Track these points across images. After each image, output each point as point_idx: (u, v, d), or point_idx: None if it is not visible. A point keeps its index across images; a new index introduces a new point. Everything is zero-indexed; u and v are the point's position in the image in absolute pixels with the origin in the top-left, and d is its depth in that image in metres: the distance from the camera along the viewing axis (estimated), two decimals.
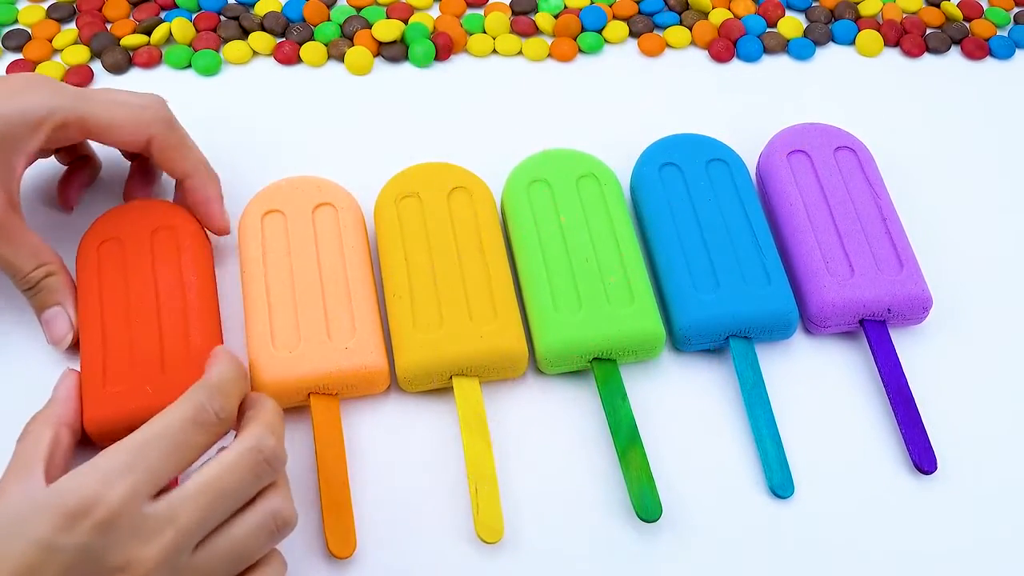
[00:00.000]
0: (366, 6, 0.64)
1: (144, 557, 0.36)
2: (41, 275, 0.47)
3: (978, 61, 0.65)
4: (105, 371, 0.45)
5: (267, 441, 0.39)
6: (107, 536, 0.35)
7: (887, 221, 0.52)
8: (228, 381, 0.40)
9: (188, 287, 0.47)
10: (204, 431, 0.39)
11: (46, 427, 0.41)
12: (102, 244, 0.49)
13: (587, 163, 0.53)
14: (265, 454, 0.39)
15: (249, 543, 0.38)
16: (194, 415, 0.38)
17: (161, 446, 0.37)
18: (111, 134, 0.49)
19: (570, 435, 0.48)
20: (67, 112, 0.47)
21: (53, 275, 0.48)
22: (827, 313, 0.50)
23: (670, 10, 0.65)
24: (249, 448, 0.39)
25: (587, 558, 0.45)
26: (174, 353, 0.45)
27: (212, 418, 0.39)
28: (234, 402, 0.40)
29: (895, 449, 0.48)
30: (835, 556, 0.45)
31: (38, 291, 0.48)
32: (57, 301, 0.48)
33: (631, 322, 0.48)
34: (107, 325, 0.46)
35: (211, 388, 0.39)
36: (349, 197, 0.52)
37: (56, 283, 0.48)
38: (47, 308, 0.48)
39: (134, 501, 0.36)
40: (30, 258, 0.47)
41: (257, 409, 0.41)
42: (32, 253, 0.47)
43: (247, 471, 0.38)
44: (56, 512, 0.35)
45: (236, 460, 0.38)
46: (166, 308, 0.47)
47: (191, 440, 0.38)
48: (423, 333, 0.47)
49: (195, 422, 0.38)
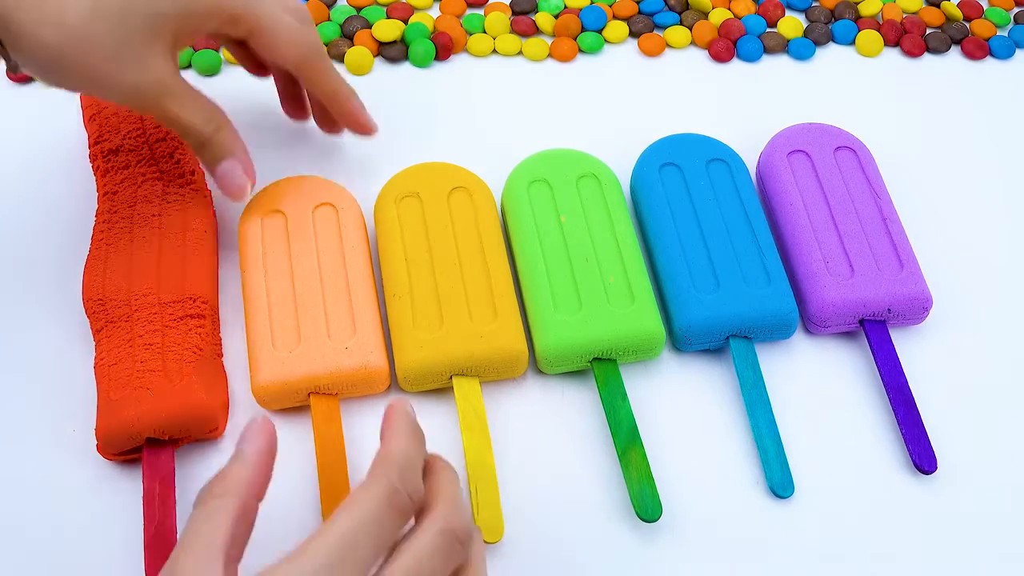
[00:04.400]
0: (366, 6, 0.64)
1: None
2: (212, 129, 0.48)
3: (978, 61, 0.65)
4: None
5: (459, 521, 0.36)
6: None
7: (887, 221, 0.52)
8: (413, 454, 0.37)
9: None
10: (400, 515, 0.35)
11: (232, 499, 0.35)
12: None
13: (587, 163, 0.53)
14: (458, 534, 0.36)
15: (424, 568, 0.35)
16: (389, 500, 0.35)
17: (362, 541, 0.34)
18: (271, 44, 0.50)
19: (570, 435, 0.48)
20: (242, 8, 0.48)
21: (223, 129, 0.49)
22: (827, 313, 0.50)
23: (670, 10, 0.65)
24: (442, 531, 0.35)
25: (587, 558, 0.45)
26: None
27: (406, 501, 0.35)
28: (420, 475, 0.37)
29: (895, 449, 0.48)
30: (835, 556, 0.45)
31: (211, 145, 0.48)
32: (230, 152, 0.49)
33: (631, 322, 0.48)
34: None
35: (400, 468, 0.36)
36: (349, 197, 0.52)
37: (227, 136, 0.49)
38: (221, 161, 0.49)
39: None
40: (202, 115, 0.48)
41: (438, 479, 0.38)
42: (203, 110, 0.48)
43: (443, 555, 0.35)
44: None
45: (431, 545, 0.35)
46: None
47: (389, 528, 0.35)
48: (423, 333, 0.47)
49: (391, 507, 0.35)
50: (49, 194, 0.55)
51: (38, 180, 0.55)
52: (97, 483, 0.45)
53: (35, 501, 0.45)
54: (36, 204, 0.54)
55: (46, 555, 0.44)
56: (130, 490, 0.45)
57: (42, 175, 0.55)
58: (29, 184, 0.55)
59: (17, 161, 0.56)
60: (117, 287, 0.48)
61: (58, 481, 0.46)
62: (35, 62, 0.45)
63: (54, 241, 0.53)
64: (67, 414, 0.47)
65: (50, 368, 0.48)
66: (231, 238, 0.53)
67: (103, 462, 0.46)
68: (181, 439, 0.45)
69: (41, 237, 0.53)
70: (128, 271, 0.48)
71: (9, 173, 0.56)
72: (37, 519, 0.45)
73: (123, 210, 0.51)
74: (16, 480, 0.46)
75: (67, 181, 0.55)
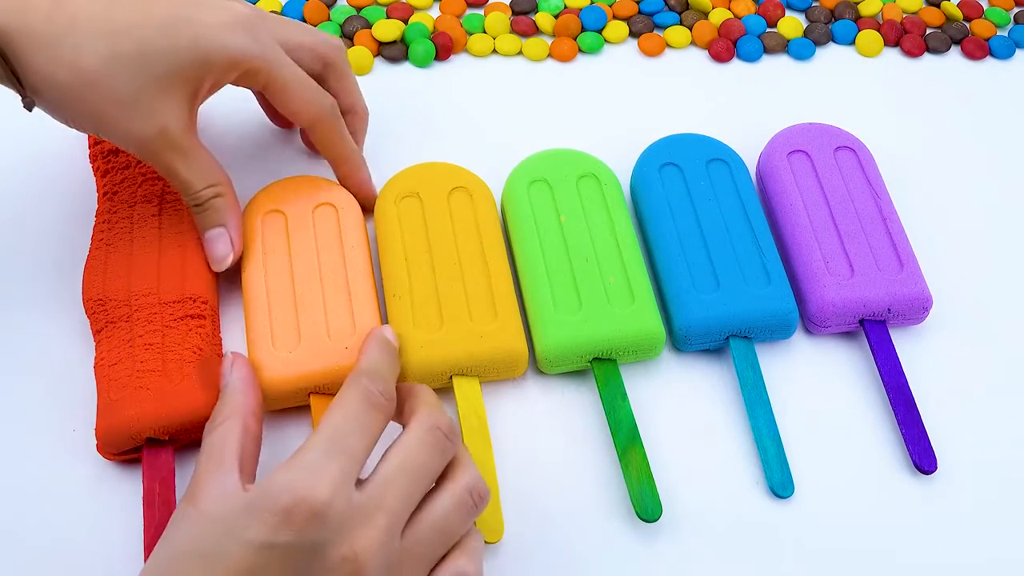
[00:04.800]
0: (366, 6, 0.64)
1: (364, 544, 0.37)
2: (210, 195, 0.48)
3: (978, 61, 0.65)
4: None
5: (440, 418, 0.41)
6: (324, 528, 0.36)
7: (887, 221, 0.52)
8: (382, 365, 0.42)
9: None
10: (378, 411, 0.40)
11: (234, 420, 0.41)
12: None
13: (587, 163, 0.53)
14: (443, 429, 0.40)
15: (452, 520, 0.40)
16: (363, 398, 0.40)
17: (350, 431, 0.39)
18: (285, 101, 0.50)
19: (570, 435, 0.48)
20: (260, 65, 0.48)
21: (221, 196, 0.49)
22: (827, 313, 0.50)
23: (670, 10, 0.65)
24: (427, 428, 0.40)
25: (587, 558, 0.45)
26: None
27: (379, 399, 0.40)
28: (392, 383, 0.42)
29: (895, 449, 0.48)
30: (835, 556, 0.45)
31: (205, 209, 0.49)
32: (222, 222, 0.49)
33: (631, 322, 0.48)
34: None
35: (369, 374, 0.41)
36: (349, 197, 0.52)
37: (223, 204, 0.49)
38: (212, 228, 0.49)
39: (343, 489, 0.37)
40: (202, 176, 0.48)
41: (416, 396, 0.42)
42: (205, 171, 0.48)
43: (432, 448, 0.40)
44: (270, 512, 0.36)
45: (419, 440, 0.40)
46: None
47: (371, 422, 0.40)
48: (423, 333, 0.47)
49: (367, 404, 0.40)
50: (49, 194, 0.55)
51: (38, 180, 0.55)
52: (97, 483, 0.45)
53: (35, 501, 0.45)
54: (36, 204, 0.54)
55: (46, 555, 0.44)
56: (130, 490, 0.45)
57: (42, 175, 0.55)
58: (29, 184, 0.55)
59: (17, 161, 0.56)
60: (117, 287, 0.48)
61: (58, 481, 0.45)
62: (47, 101, 0.45)
63: (54, 241, 0.53)
64: (67, 414, 0.47)
65: (50, 368, 0.48)
66: None
67: (103, 462, 0.46)
68: (181, 439, 0.45)
69: (41, 237, 0.53)
70: (128, 271, 0.48)
71: (9, 173, 0.56)
72: (37, 519, 0.45)
73: (123, 210, 0.51)
74: (16, 480, 0.46)
75: (67, 181, 0.55)
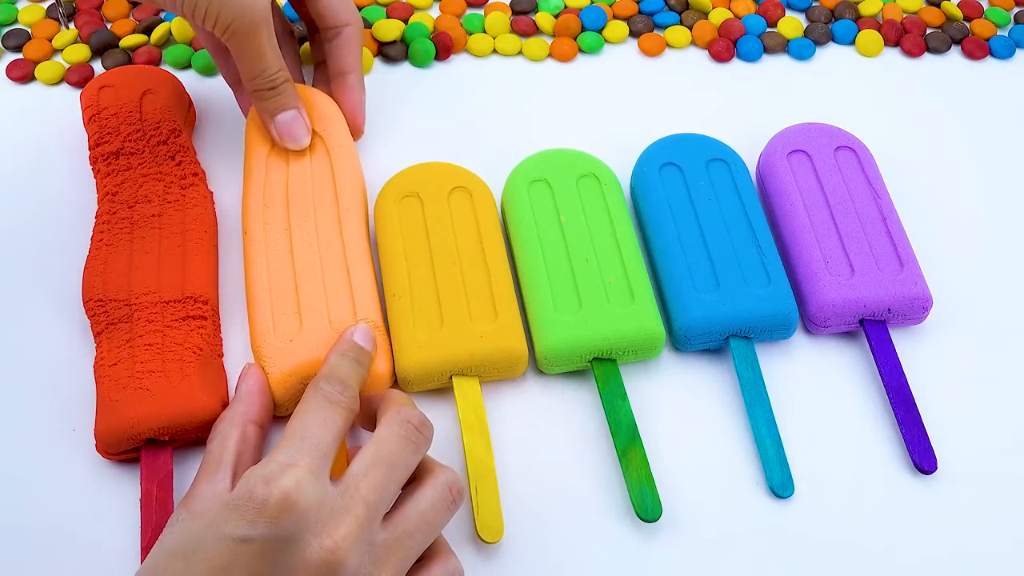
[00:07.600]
0: (366, 6, 0.64)
1: (342, 535, 0.37)
2: (284, 77, 0.50)
3: (978, 61, 0.65)
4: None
5: (411, 413, 0.42)
6: (301, 519, 0.37)
7: (887, 221, 0.52)
8: (340, 369, 0.44)
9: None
10: (337, 406, 0.41)
11: (233, 426, 0.43)
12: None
13: (587, 163, 0.53)
14: (413, 423, 0.41)
15: (433, 514, 0.40)
16: (324, 397, 0.42)
17: (312, 425, 0.40)
18: (321, 6, 0.53)
19: (570, 435, 0.48)
20: None
21: (290, 80, 0.50)
22: (827, 313, 0.50)
23: (670, 10, 0.65)
24: (398, 422, 0.41)
25: (587, 558, 0.45)
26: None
27: (337, 396, 0.42)
28: (351, 383, 0.43)
29: (895, 449, 0.48)
30: (835, 556, 0.45)
31: (279, 93, 0.50)
32: (296, 104, 0.51)
33: (631, 322, 0.48)
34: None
35: (327, 377, 0.43)
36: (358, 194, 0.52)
37: (292, 88, 0.51)
38: (285, 110, 0.50)
39: (313, 479, 0.38)
40: (279, 59, 0.50)
41: (385, 398, 0.43)
42: (279, 55, 0.50)
43: (405, 439, 0.41)
44: (245, 505, 0.37)
45: (391, 433, 0.41)
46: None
47: (332, 415, 0.41)
48: (423, 333, 0.47)
49: (327, 401, 0.41)
50: (49, 195, 0.55)
51: (38, 180, 0.55)
52: (97, 483, 0.45)
53: (35, 501, 0.45)
54: (36, 205, 0.54)
55: (45, 554, 0.44)
56: (130, 490, 0.45)
57: (42, 175, 0.55)
58: (29, 184, 0.55)
59: (17, 161, 0.56)
60: (117, 288, 0.48)
61: (58, 481, 0.45)
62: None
63: (54, 242, 0.53)
64: (67, 414, 0.47)
65: (50, 368, 0.48)
66: (231, 238, 0.53)
67: (103, 462, 0.46)
68: (181, 439, 0.45)
69: (41, 238, 0.53)
70: (128, 271, 0.48)
71: (9, 173, 0.56)
72: (37, 518, 0.45)
73: (123, 211, 0.51)
74: (16, 480, 0.46)
75: (67, 181, 0.55)
